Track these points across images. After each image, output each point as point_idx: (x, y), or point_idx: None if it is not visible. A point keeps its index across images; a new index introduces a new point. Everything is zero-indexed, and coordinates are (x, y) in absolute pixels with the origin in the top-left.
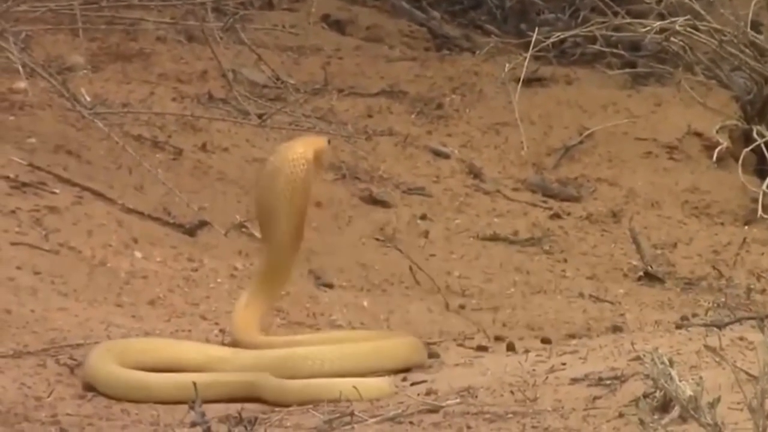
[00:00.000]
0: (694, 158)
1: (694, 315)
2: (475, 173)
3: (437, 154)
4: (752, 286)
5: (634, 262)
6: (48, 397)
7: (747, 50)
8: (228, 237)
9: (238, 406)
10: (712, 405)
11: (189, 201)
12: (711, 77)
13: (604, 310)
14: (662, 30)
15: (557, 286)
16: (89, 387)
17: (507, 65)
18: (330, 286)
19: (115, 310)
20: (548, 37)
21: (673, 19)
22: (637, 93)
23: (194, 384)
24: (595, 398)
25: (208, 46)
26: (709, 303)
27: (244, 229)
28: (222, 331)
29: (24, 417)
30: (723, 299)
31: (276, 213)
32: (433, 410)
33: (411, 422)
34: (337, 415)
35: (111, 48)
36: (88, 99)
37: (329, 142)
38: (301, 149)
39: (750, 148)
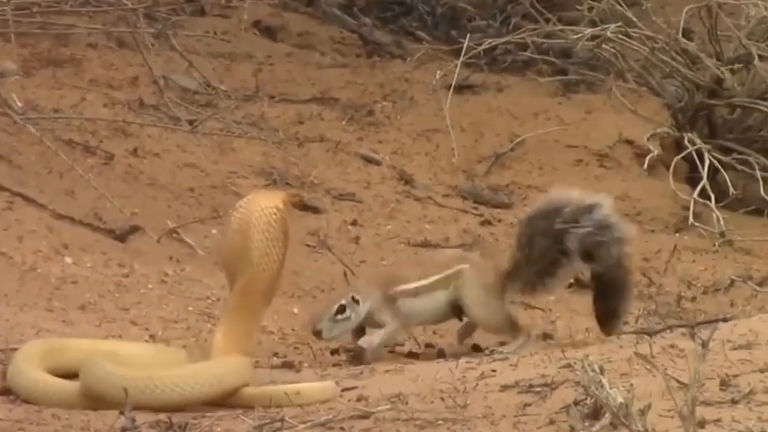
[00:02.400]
0: (625, 166)
1: (625, 323)
2: (406, 180)
3: (368, 160)
4: (683, 294)
5: None
6: None
7: (678, 57)
8: (160, 243)
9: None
10: (643, 412)
11: (120, 206)
12: (642, 84)
13: (535, 317)
14: (594, 37)
15: None
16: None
17: (438, 72)
18: None
19: (46, 314)
20: (479, 44)
21: (604, 26)
22: (568, 100)
23: (125, 390)
24: (526, 405)
25: (140, 53)
26: (639, 310)
27: (175, 235)
28: (152, 336)
29: None
30: (653, 306)
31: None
32: (364, 416)
33: (342, 428)
34: (268, 420)
35: (42, 54)
36: (20, 104)
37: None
38: (272, 200)
39: (681, 155)
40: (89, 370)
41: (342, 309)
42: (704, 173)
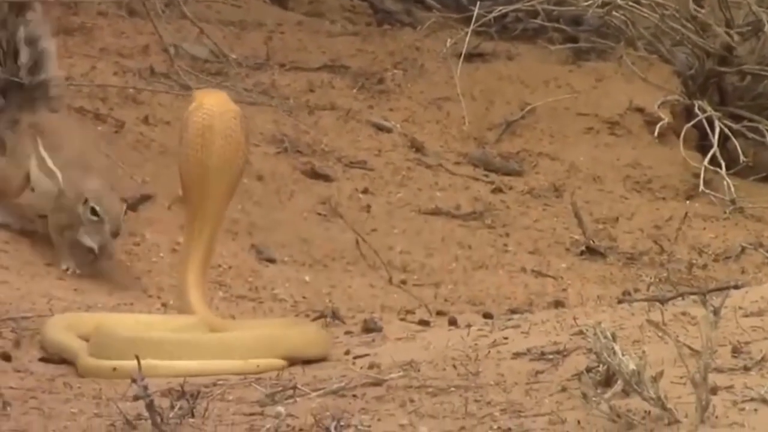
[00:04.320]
0: (636, 133)
1: (636, 290)
2: (417, 147)
3: (379, 128)
4: (694, 261)
5: (576, 237)
6: None
7: (689, 25)
8: (171, 211)
9: (180, 379)
10: (655, 379)
11: (131, 174)
12: (652, 52)
13: (546, 284)
14: (604, 4)
15: (499, 261)
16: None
17: (448, 40)
18: (272, 260)
19: (58, 283)
20: (490, 12)
21: None
22: (579, 68)
23: (137, 357)
24: (538, 372)
25: (150, 21)
26: (651, 278)
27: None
28: (164, 305)
29: None
30: (665, 274)
31: (213, 174)
32: (376, 384)
33: (354, 395)
34: (280, 388)
35: (52, 22)
36: None
37: None
38: (231, 103)
39: (691, 123)
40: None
41: None
42: (714, 140)
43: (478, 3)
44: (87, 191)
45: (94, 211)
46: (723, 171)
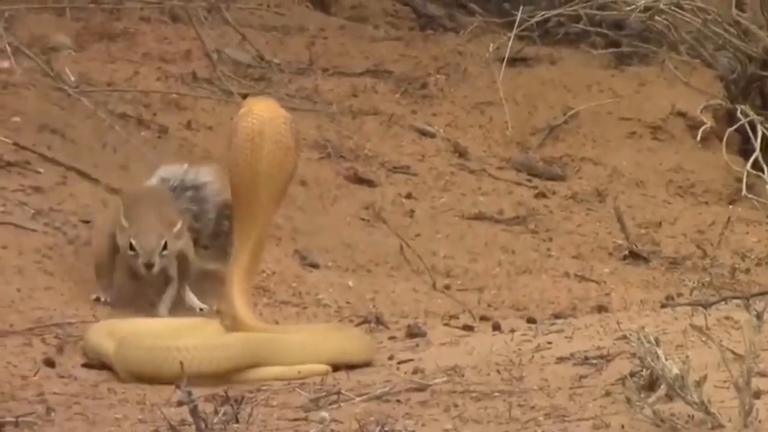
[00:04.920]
0: (678, 138)
1: (679, 294)
2: (460, 152)
3: (422, 133)
4: (737, 266)
5: (619, 242)
6: (34, 376)
7: (731, 29)
8: None
9: (224, 385)
10: (699, 383)
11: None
12: (695, 57)
13: (590, 289)
14: (646, 9)
15: (542, 266)
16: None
17: (491, 45)
18: (316, 266)
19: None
20: (532, 17)
21: None
22: (621, 73)
23: (181, 364)
24: (581, 377)
25: (193, 26)
26: (694, 282)
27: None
28: (201, 309)
29: (11, 396)
30: (708, 278)
31: (263, 179)
32: (421, 389)
33: (398, 400)
34: (324, 393)
35: (95, 28)
36: (73, 78)
37: None
38: (281, 109)
39: (734, 127)
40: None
41: None
42: (757, 145)
43: (521, 8)
44: (133, 228)
45: (131, 246)
46: (766, 175)
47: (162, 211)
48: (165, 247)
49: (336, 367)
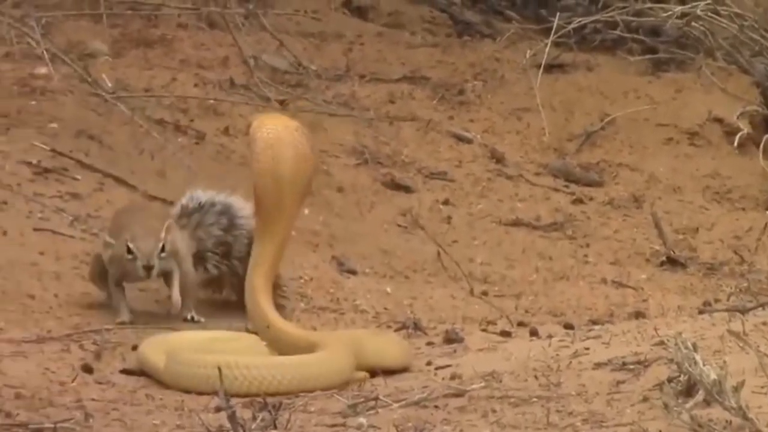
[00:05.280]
0: (715, 144)
1: (717, 300)
2: (498, 158)
3: (459, 139)
4: None
5: (656, 247)
6: (72, 382)
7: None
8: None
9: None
10: (737, 389)
11: (212, 186)
12: (732, 63)
13: (627, 295)
14: (683, 15)
15: (580, 272)
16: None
17: (528, 51)
18: (353, 272)
19: (138, 295)
20: (569, 23)
21: (694, 4)
22: (658, 79)
23: (219, 369)
24: (619, 383)
25: (230, 33)
26: (731, 288)
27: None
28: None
29: (48, 402)
30: (745, 284)
31: (286, 185)
32: (458, 394)
33: (436, 406)
34: (362, 399)
35: (132, 34)
36: (110, 84)
37: None
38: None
39: None
40: None
41: None
42: None
43: (558, 14)
44: (127, 235)
45: (129, 250)
46: None
47: (148, 219)
48: (163, 249)
49: (374, 373)
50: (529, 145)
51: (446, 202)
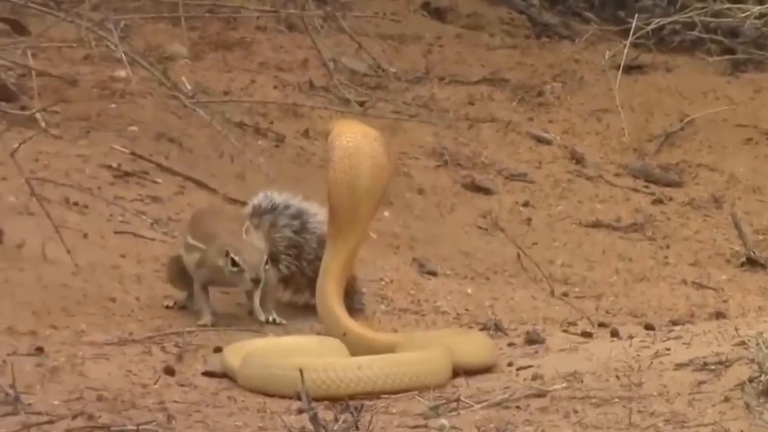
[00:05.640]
0: None
1: None
2: (577, 159)
3: (539, 140)
4: None
5: (737, 248)
6: (154, 384)
7: None
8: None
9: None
10: None
11: (292, 189)
12: None
13: (707, 296)
14: (761, 15)
15: (659, 273)
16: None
17: (607, 52)
18: (434, 273)
19: (219, 297)
20: (647, 24)
21: None
22: (737, 79)
23: (300, 372)
24: (700, 383)
25: (309, 35)
26: None
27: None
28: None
29: (131, 404)
30: None
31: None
32: (540, 395)
33: (518, 407)
34: (443, 401)
35: (211, 37)
36: (189, 87)
37: None
38: (370, 127)
39: None
40: None
41: None
42: None
43: (636, 15)
44: (227, 246)
45: (234, 262)
46: None
47: (229, 223)
48: (267, 261)
49: (455, 374)
50: (608, 146)
51: (526, 204)
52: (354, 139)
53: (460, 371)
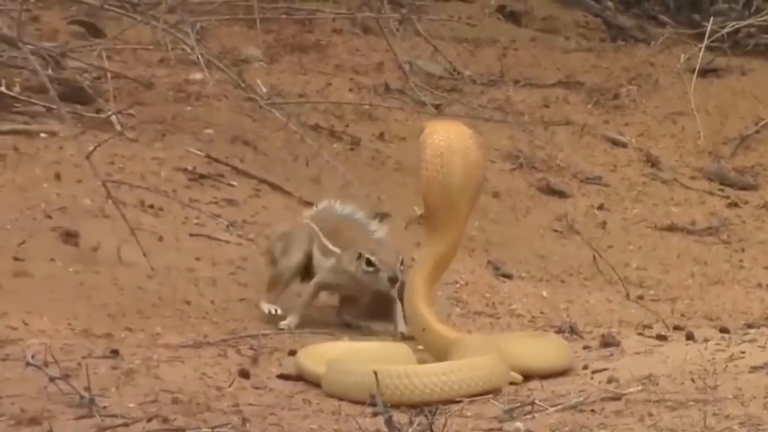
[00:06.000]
0: None
1: None
2: (652, 162)
3: (614, 143)
4: None
5: None
6: (229, 387)
7: None
8: (407, 229)
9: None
10: None
11: (367, 192)
12: None
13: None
14: None
15: (734, 277)
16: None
17: (682, 56)
18: (509, 276)
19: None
20: (722, 28)
21: None
22: None
23: (375, 373)
24: None
25: (384, 38)
26: None
27: (422, 221)
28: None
29: (206, 406)
30: None
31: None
32: (615, 398)
33: (593, 410)
34: (518, 404)
35: (287, 40)
36: (264, 90)
37: None
38: (464, 125)
39: None
40: None
41: None
42: None
43: (711, 19)
44: (361, 249)
45: (369, 263)
46: None
47: (366, 234)
48: (402, 262)
49: (528, 376)
50: (684, 148)
51: (601, 207)
52: (446, 138)
53: (537, 375)
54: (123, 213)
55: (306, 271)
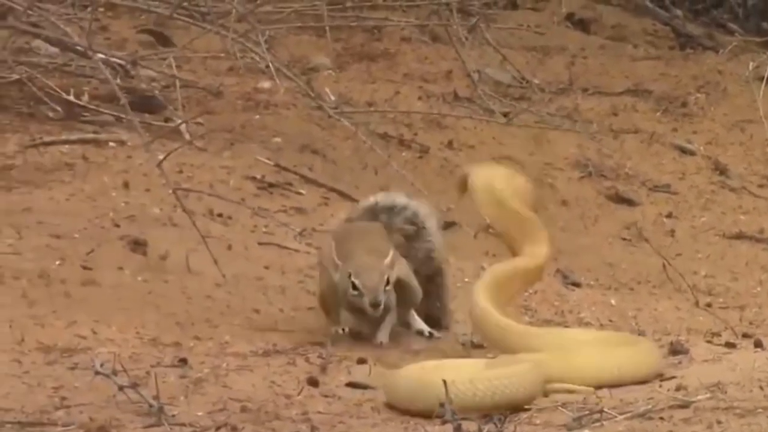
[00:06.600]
0: None
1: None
2: (721, 170)
3: (683, 151)
4: None
5: None
6: (298, 395)
7: None
8: (476, 238)
9: None
10: None
11: (436, 201)
12: None
13: None
14: None
15: None
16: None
17: (750, 63)
18: (577, 284)
19: None
20: None
21: None
22: None
23: (444, 382)
24: None
25: (453, 47)
26: None
27: (491, 231)
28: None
29: (275, 415)
30: None
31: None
32: (683, 406)
33: (661, 418)
34: (587, 412)
35: (355, 48)
36: (333, 98)
37: None
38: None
39: None
40: None
41: None
42: None
43: None
44: (351, 266)
45: (354, 286)
46: None
47: (372, 244)
48: (387, 282)
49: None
50: (752, 156)
51: (669, 215)
52: (488, 173)
53: (628, 382)
54: (194, 221)
55: None
